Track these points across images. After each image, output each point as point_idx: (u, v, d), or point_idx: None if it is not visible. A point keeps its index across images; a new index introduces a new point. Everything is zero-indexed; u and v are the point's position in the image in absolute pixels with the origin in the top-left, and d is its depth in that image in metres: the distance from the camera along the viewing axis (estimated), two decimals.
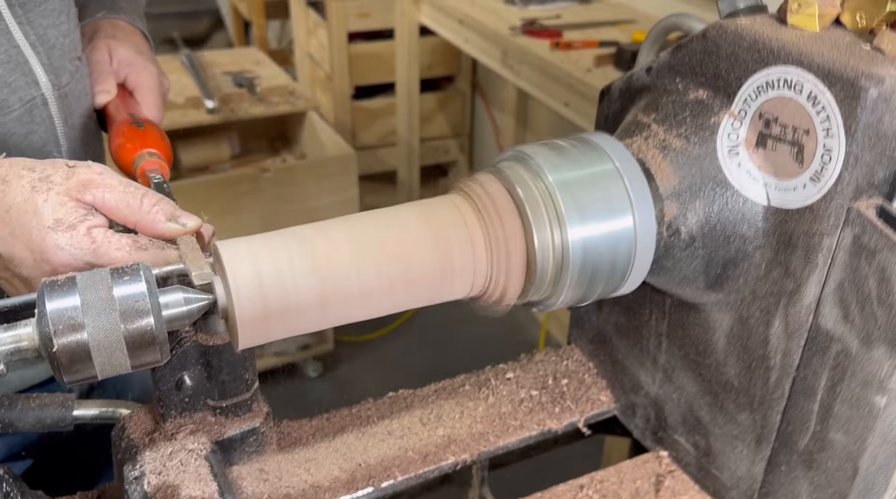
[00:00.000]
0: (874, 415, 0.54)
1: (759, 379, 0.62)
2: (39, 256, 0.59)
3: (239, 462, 0.71)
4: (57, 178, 0.60)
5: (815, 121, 0.53)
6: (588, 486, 0.73)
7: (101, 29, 0.94)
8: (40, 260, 0.59)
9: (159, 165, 0.79)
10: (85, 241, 0.59)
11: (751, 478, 0.66)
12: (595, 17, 2.28)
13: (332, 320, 0.58)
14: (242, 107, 2.31)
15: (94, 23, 0.95)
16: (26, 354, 0.52)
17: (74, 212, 0.59)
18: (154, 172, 0.78)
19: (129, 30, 0.96)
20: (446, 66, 3.25)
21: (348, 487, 0.71)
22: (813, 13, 0.56)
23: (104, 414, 0.70)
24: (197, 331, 0.64)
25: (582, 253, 0.59)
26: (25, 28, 0.77)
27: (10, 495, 0.59)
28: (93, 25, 0.95)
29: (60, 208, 0.59)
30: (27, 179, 0.60)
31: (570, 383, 0.83)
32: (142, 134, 0.83)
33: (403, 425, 0.78)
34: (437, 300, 0.61)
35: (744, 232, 0.60)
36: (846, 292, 0.54)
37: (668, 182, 0.61)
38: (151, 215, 0.61)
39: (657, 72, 0.65)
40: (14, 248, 0.60)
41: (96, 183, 0.61)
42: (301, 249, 0.56)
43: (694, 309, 0.67)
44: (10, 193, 0.60)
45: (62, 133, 0.82)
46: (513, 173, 0.60)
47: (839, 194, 0.53)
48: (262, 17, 3.85)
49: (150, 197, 0.62)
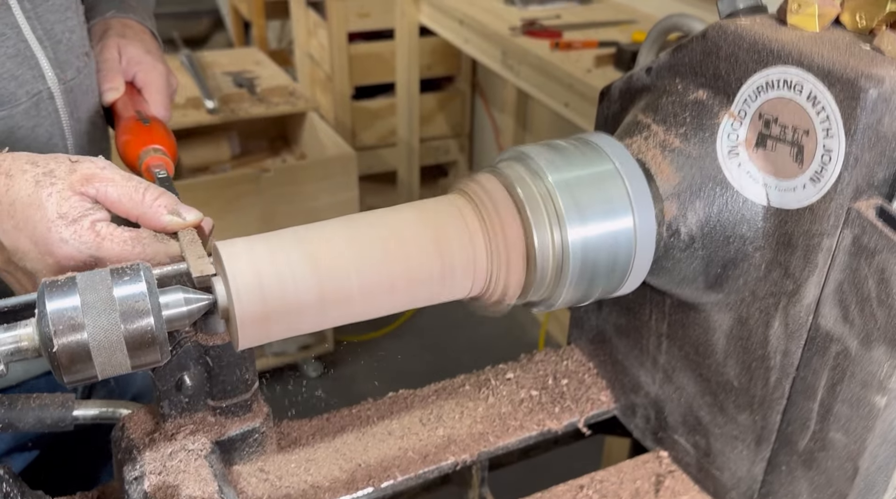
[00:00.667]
0: (874, 415, 0.54)
1: (759, 379, 0.62)
2: (44, 248, 0.60)
3: (239, 462, 0.71)
4: (60, 172, 0.61)
5: (814, 121, 0.53)
6: (588, 486, 0.73)
7: (111, 28, 0.96)
8: (44, 253, 0.60)
9: (164, 160, 0.80)
10: (89, 234, 0.60)
11: (751, 478, 0.66)
12: (595, 17, 2.28)
13: (332, 320, 0.58)
14: (242, 107, 2.31)
15: (104, 21, 0.97)
16: (26, 354, 0.52)
17: (78, 206, 0.60)
18: (159, 168, 0.79)
19: (139, 29, 0.98)
20: (446, 67, 3.25)
21: (348, 487, 0.71)
22: (813, 13, 0.56)
23: (104, 414, 0.70)
24: (197, 331, 0.64)
25: (582, 253, 0.59)
26: (33, 23, 0.78)
27: (9, 495, 0.59)
28: (103, 24, 0.96)
29: (64, 203, 0.60)
30: (31, 174, 0.61)
31: (570, 384, 0.83)
32: (148, 130, 0.84)
33: (403, 425, 0.78)
34: (437, 300, 0.61)
35: (743, 232, 0.60)
36: (846, 293, 0.54)
37: (668, 182, 0.61)
38: (154, 209, 0.62)
39: (657, 72, 0.65)
40: (18, 241, 0.61)
41: (99, 177, 0.61)
42: (301, 249, 0.56)
43: (694, 309, 0.67)
44: (15, 187, 0.61)
45: (68, 127, 0.83)
46: (513, 173, 0.60)
47: (839, 195, 0.53)
48: (262, 18, 3.85)
49: (153, 191, 0.63)
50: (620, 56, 1.90)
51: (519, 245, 0.59)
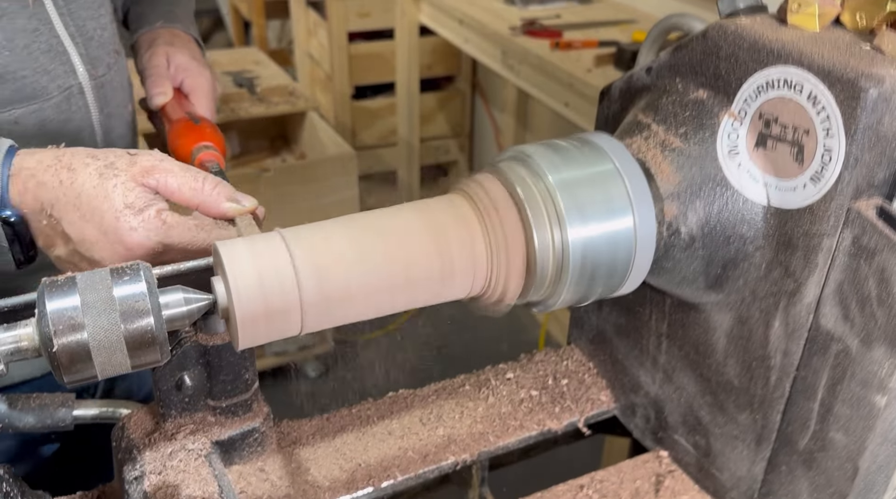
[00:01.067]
0: (874, 415, 0.54)
1: (760, 379, 0.62)
2: (114, 237, 0.63)
3: (239, 462, 0.71)
4: (121, 165, 0.64)
5: (815, 121, 0.53)
6: (588, 486, 0.73)
7: (160, 37, 1.01)
8: (114, 242, 0.63)
9: (215, 156, 0.86)
10: (156, 222, 0.63)
11: (751, 478, 0.66)
12: (595, 16, 2.28)
13: (333, 321, 0.58)
14: (242, 107, 2.31)
15: (153, 31, 1.03)
16: (26, 354, 0.52)
17: (143, 196, 0.63)
18: (211, 163, 0.84)
19: (186, 38, 1.04)
20: (446, 66, 3.25)
21: (348, 487, 0.71)
22: (813, 13, 0.56)
23: (104, 414, 0.70)
24: (197, 331, 0.64)
25: (582, 253, 0.59)
26: (66, 19, 0.81)
27: (10, 495, 0.59)
28: (152, 34, 1.02)
29: (130, 193, 0.63)
30: (93, 167, 0.64)
31: (570, 383, 0.83)
32: (199, 129, 0.90)
33: (403, 425, 0.78)
34: (437, 300, 0.61)
35: (744, 232, 0.59)
36: (846, 293, 0.54)
37: (669, 182, 0.61)
38: (213, 197, 0.65)
39: (657, 72, 0.65)
40: (85, 231, 0.63)
41: (159, 169, 0.64)
42: (301, 249, 0.56)
43: (694, 309, 0.67)
44: (79, 180, 0.63)
45: (98, 122, 0.87)
46: (513, 173, 0.60)
47: (839, 195, 0.53)
48: (262, 17, 3.86)
49: (211, 180, 0.66)
50: (620, 56, 1.90)
51: (519, 245, 0.59)
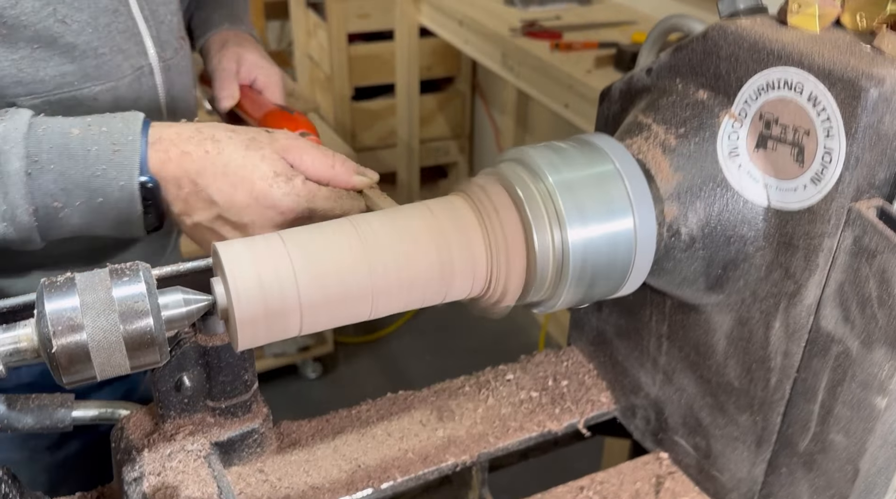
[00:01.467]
0: (874, 416, 0.54)
1: (760, 380, 0.62)
2: (266, 202, 0.69)
3: (238, 463, 0.71)
4: (263, 139, 0.71)
5: (815, 122, 0.53)
6: (588, 487, 0.73)
7: (229, 39, 1.06)
8: (267, 207, 0.69)
9: (315, 141, 0.88)
10: (304, 189, 0.70)
11: (751, 480, 0.66)
12: (595, 18, 2.28)
13: (332, 321, 0.58)
14: None
15: (221, 34, 1.08)
16: (25, 354, 0.52)
17: (289, 168, 0.70)
18: None
19: (252, 40, 1.09)
20: (446, 68, 3.25)
21: (348, 488, 0.71)
22: (813, 14, 0.56)
23: (103, 415, 0.70)
24: (196, 332, 0.64)
25: (582, 254, 0.58)
26: (141, 3, 0.85)
27: (8, 495, 0.59)
28: (222, 36, 1.07)
29: (278, 163, 0.70)
30: (237, 139, 0.70)
31: (570, 385, 0.83)
32: (295, 119, 0.95)
33: (403, 426, 0.78)
34: (438, 301, 0.61)
35: (744, 233, 0.59)
36: (847, 294, 0.54)
37: (669, 183, 0.61)
38: (344, 171, 0.73)
39: (657, 73, 0.65)
40: (234, 197, 0.69)
41: (295, 147, 0.72)
42: (300, 250, 0.56)
43: (694, 310, 0.67)
44: (226, 151, 0.69)
45: (164, 103, 0.91)
46: (513, 174, 0.60)
47: (840, 195, 0.53)
48: (262, 18, 3.85)
49: (339, 157, 0.74)
50: (620, 57, 1.90)
51: (519, 246, 0.59)
